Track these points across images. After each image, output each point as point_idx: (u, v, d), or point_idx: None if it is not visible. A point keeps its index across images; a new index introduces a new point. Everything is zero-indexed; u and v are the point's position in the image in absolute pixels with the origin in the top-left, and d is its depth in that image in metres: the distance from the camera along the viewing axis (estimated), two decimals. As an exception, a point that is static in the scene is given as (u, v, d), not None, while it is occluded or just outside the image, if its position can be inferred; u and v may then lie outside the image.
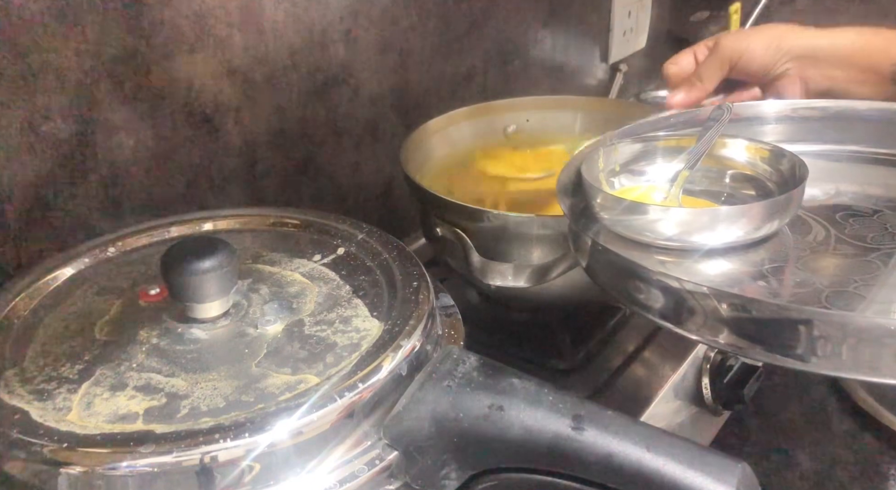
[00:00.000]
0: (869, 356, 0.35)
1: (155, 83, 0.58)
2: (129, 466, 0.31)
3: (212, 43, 0.61)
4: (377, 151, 0.80)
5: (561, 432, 0.33)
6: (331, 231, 0.48)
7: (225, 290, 0.39)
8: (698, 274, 0.43)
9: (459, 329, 0.42)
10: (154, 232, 0.48)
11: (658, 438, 0.32)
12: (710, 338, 0.39)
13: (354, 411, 0.34)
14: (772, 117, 0.56)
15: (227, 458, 0.31)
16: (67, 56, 0.52)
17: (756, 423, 0.72)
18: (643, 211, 0.44)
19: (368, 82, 0.77)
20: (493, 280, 0.55)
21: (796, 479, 0.66)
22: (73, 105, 0.54)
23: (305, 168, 0.73)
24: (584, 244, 0.47)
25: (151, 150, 0.59)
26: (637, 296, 0.42)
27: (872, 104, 0.54)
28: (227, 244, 0.39)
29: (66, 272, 0.44)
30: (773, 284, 0.41)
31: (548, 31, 1.03)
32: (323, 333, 0.38)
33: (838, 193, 0.51)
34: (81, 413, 0.33)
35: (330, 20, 0.71)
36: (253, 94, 0.66)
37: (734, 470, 0.31)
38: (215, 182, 0.65)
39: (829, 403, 0.73)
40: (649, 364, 0.61)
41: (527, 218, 0.56)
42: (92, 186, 0.56)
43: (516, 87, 0.99)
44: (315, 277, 0.43)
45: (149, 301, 0.41)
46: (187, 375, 0.36)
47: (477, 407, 0.34)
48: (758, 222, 0.43)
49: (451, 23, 0.86)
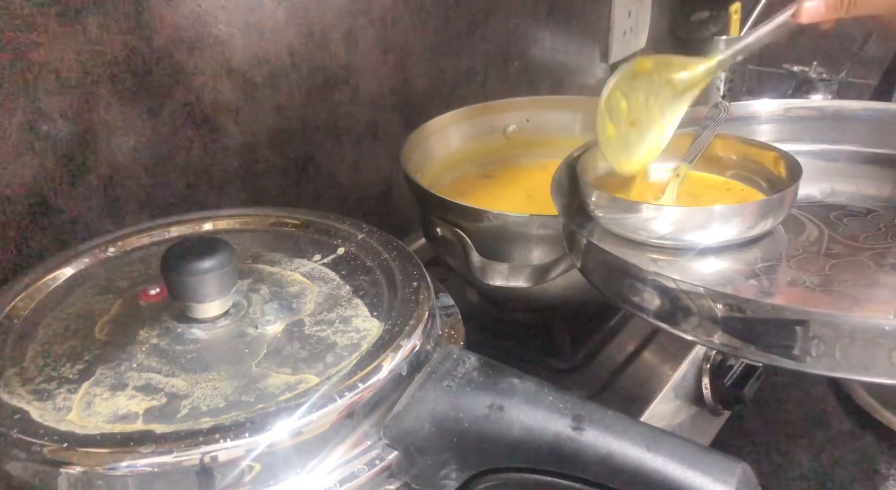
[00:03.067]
0: (862, 356, 0.35)
1: (155, 83, 0.58)
2: (129, 466, 0.31)
3: (212, 43, 0.61)
4: (377, 151, 0.80)
5: (561, 432, 0.33)
6: (331, 231, 0.48)
7: (225, 290, 0.39)
8: (692, 273, 0.43)
9: (459, 329, 0.42)
10: (154, 232, 0.48)
11: (658, 438, 0.32)
12: (705, 338, 0.39)
13: (354, 411, 0.34)
14: (767, 116, 0.56)
15: (227, 458, 0.31)
16: (67, 56, 0.52)
17: (756, 423, 0.72)
18: (637, 210, 0.44)
19: (368, 82, 0.77)
20: (492, 280, 0.55)
21: (796, 479, 0.66)
22: (73, 105, 0.54)
23: (305, 168, 0.73)
24: (579, 243, 0.47)
25: (151, 150, 0.59)
26: (631, 295, 0.42)
27: (868, 104, 0.55)
28: (227, 244, 0.39)
29: (66, 272, 0.45)
30: (766, 283, 0.42)
31: (548, 31, 1.03)
32: (323, 333, 0.38)
33: (833, 193, 0.51)
34: (81, 413, 0.34)
35: (330, 20, 0.71)
36: (253, 94, 0.66)
37: (734, 470, 0.31)
38: (215, 182, 0.65)
39: (829, 403, 0.73)
40: (649, 364, 0.61)
41: (526, 218, 0.56)
42: (92, 186, 0.56)
43: (516, 87, 0.99)
44: (315, 277, 0.43)
45: (149, 301, 0.41)
46: (187, 375, 0.36)
47: (477, 407, 0.34)
48: (752, 221, 0.43)
49: (451, 23, 0.85)
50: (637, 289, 0.41)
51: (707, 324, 0.38)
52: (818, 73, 1.09)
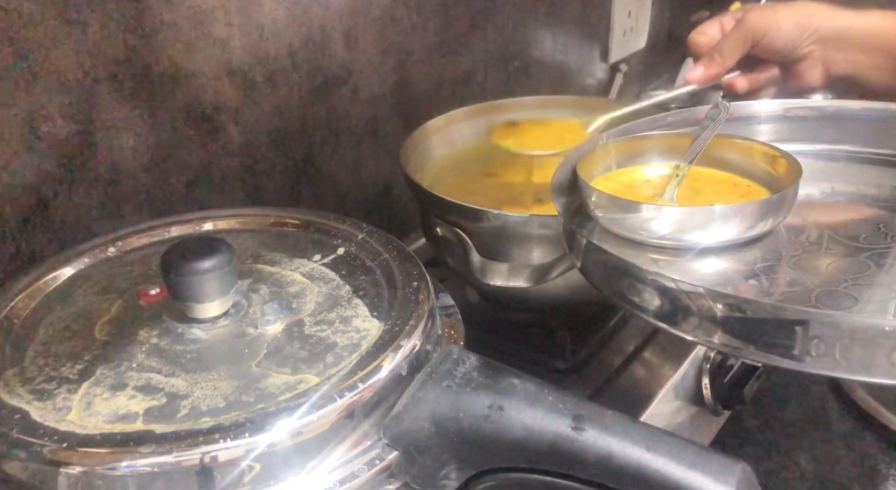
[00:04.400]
0: (862, 356, 0.35)
1: (155, 83, 0.58)
2: (129, 466, 0.31)
3: (212, 43, 0.61)
4: (377, 151, 0.80)
5: (561, 432, 0.33)
6: (331, 231, 0.48)
7: (225, 290, 0.39)
8: (692, 273, 0.43)
9: (459, 329, 0.42)
10: (154, 232, 0.48)
11: (658, 438, 0.32)
12: (705, 338, 0.39)
13: (354, 411, 0.34)
14: (767, 116, 0.56)
15: (227, 458, 0.31)
16: (67, 56, 0.52)
17: (756, 423, 0.72)
18: (637, 210, 0.44)
19: (368, 82, 0.77)
20: (492, 280, 0.55)
21: (796, 479, 0.66)
22: (73, 105, 0.54)
23: (305, 168, 0.73)
24: (579, 243, 0.47)
25: (151, 150, 0.59)
26: (631, 295, 0.42)
27: (867, 104, 0.55)
28: (227, 244, 0.39)
29: (66, 272, 0.44)
30: (766, 283, 0.42)
31: (548, 31, 1.03)
32: (323, 333, 0.38)
33: (833, 193, 0.51)
34: (81, 413, 0.34)
35: (330, 20, 0.71)
36: (253, 94, 0.66)
37: (734, 470, 0.31)
38: (215, 182, 0.65)
39: (829, 403, 0.73)
40: (649, 364, 0.61)
41: (526, 218, 0.56)
42: (92, 186, 0.56)
43: (516, 87, 0.99)
44: (315, 277, 0.43)
45: (149, 301, 0.41)
46: (187, 375, 0.36)
47: (477, 407, 0.34)
48: (752, 221, 0.43)
49: (451, 23, 0.86)
50: (637, 289, 0.41)
51: (707, 324, 0.38)
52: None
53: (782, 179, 0.48)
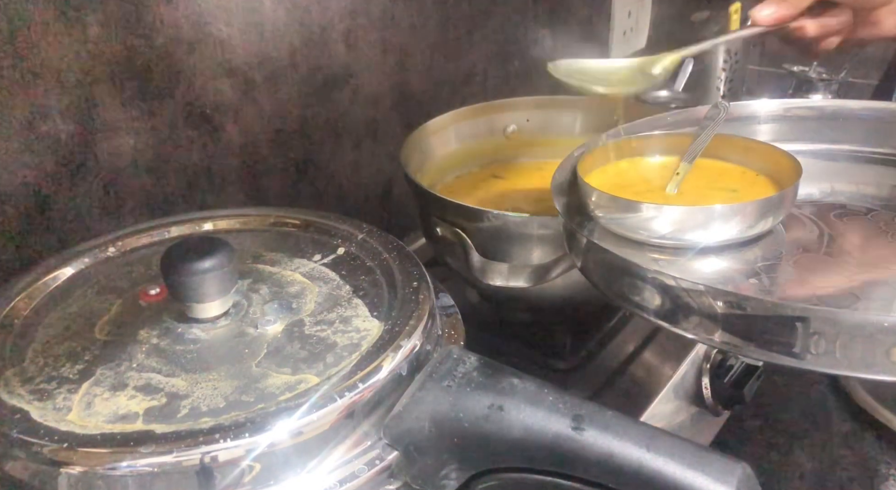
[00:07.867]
0: (863, 353, 0.35)
1: (155, 83, 0.58)
2: (129, 466, 0.31)
3: (212, 43, 0.61)
4: (377, 151, 0.80)
5: (561, 432, 0.33)
6: (331, 231, 0.48)
7: (225, 290, 0.39)
8: (692, 272, 0.43)
9: (459, 329, 0.42)
10: (154, 232, 0.48)
11: (658, 438, 0.32)
12: (706, 336, 0.39)
13: (354, 411, 0.34)
14: (767, 116, 0.56)
15: (227, 458, 0.31)
16: (67, 56, 0.52)
17: (756, 423, 0.72)
18: (637, 209, 0.44)
19: (368, 82, 0.77)
20: (492, 280, 0.55)
21: (796, 479, 0.66)
22: (73, 105, 0.54)
23: (305, 168, 0.73)
24: (579, 243, 0.47)
25: (151, 150, 0.59)
26: (632, 295, 0.42)
27: (867, 104, 0.55)
28: (227, 244, 0.39)
29: (66, 272, 0.44)
30: (766, 282, 0.42)
31: (548, 31, 1.03)
32: (323, 333, 0.38)
33: (833, 192, 0.51)
34: (81, 413, 0.34)
35: (330, 20, 0.71)
36: (253, 94, 0.66)
37: (734, 470, 0.31)
38: (215, 182, 0.65)
39: (829, 403, 0.73)
40: (649, 364, 0.61)
41: (526, 218, 0.56)
42: (92, 186, 0.56)
43: (516, 87, 0.99)
44: (315, 277, 0.43)
45: (149, 301, 0.41)
46: (187, 375, 0.36)
47: (477, 407, 0.34)
48: (752, 220, 0.43)
49: (451, 23, 0.86)
50: (637, 288, 0.41)
51: (707, 322, 0.38)
52: (818, 72, 1.09)
53: (782, 179, 0.48)
